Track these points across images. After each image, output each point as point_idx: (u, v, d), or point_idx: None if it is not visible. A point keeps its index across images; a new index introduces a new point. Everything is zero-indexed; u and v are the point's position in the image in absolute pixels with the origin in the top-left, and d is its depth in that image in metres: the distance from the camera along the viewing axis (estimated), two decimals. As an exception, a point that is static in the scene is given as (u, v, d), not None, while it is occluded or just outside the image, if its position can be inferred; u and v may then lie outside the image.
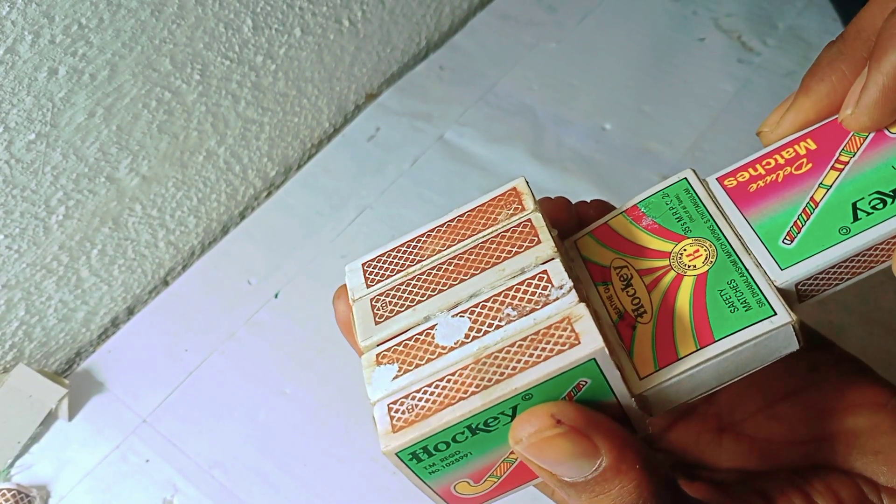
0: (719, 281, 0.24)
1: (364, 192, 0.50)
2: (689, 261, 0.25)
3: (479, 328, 0.23)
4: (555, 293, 0.23)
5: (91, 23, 0.37)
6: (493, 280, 0.24)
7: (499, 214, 0.25)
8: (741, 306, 0.23)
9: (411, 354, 0.23)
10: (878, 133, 0.24)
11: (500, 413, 0.22)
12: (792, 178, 0.25)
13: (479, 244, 0.25)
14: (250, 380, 0.42)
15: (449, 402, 0.22)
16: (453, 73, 0.56)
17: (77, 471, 0.40)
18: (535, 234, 0.24)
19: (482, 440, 0.22)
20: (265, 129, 0.49)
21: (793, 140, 0.26)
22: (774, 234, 0.24)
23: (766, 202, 0.25)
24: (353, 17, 0.51)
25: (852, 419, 0.26)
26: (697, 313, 0.23)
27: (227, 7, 0.43)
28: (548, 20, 0.58)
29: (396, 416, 0.22)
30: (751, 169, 0.26)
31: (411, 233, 0.26)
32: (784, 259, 0.23)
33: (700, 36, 0.55)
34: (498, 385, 0.21)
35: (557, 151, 0.50)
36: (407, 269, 0.25)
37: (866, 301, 0.41)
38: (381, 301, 0.25)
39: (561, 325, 0.22)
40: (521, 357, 0.22)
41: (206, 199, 0.48)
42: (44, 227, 0.40)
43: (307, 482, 0.38)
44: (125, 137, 0.41)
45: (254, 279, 0.46)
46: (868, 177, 0.24)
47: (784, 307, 0.22)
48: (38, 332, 0.42)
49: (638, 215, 0.26)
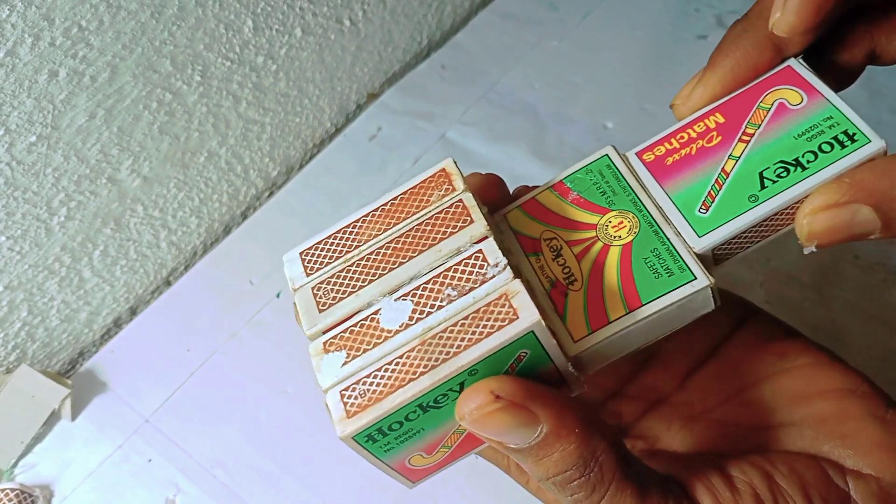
0: (643, 250, 0.26)
1: (366, 191, 0.50)
2: (615, 232, 0.26)
3: (422, 310, 0.24)
4: (491, 271, 0.24)
5: (91, 25, 0.37)
6: (432, 261, 0.25)
7: (431, 196, 0.26)
8: (664, 272, 0.25)
9: (358, 340, 0.24)
10: (780, 105, 0.26)
11: (448, 390, 0.23)
12: (704, 151, 0.27)
13: (414, 226, 0.25)
14: (252, 379, 0.42)
15: (399, 384, 0.23)
16: (455, 72, 0.56)
17: (80, 470, 0.40)
18: (467, 213, 0.25)
19: (433, 416, 0.24)
20: (266, 130, 0.49)
21: (703, 114, 0.27)
22: (691, 204, 0.26)
23: (683, 174, 0.27)
24: (354, 16, 0.51)
25: (820, 404, 0.27)
26: (625, 280, 0.25)
27: (227, 8, 0.43)
28: (549, 18, 0.58)
29: (350, 402, 0.23)
30: (667, 143, 0.27)
31: (346, 218, 0.26)
32: (701, 227, 0.25)
33: (702, 33, 0.55)
34: (444, 364, 0.22)
35: (559, 150, 0.50)
36: (345, 255, 0.26)
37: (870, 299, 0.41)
38: (323, 289, 0.25)
39: (499, 302, 0.23)
40: (465, 335, 0.23)
41: (208, 199, 0.48)
42: (46, 229, 0.40)
43: (308, 482, 0.39)
44: (126, 139, 0.41)
45: (256, 279, 0.47)
46: (772, 147, 0.26)
47: (703, 272, 0.24)
48: (41, 332, 0.42)
49: (564, 190, 0.28)
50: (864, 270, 0.42)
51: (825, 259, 0.43)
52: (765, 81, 0.27)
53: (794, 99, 0.26)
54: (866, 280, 0.42)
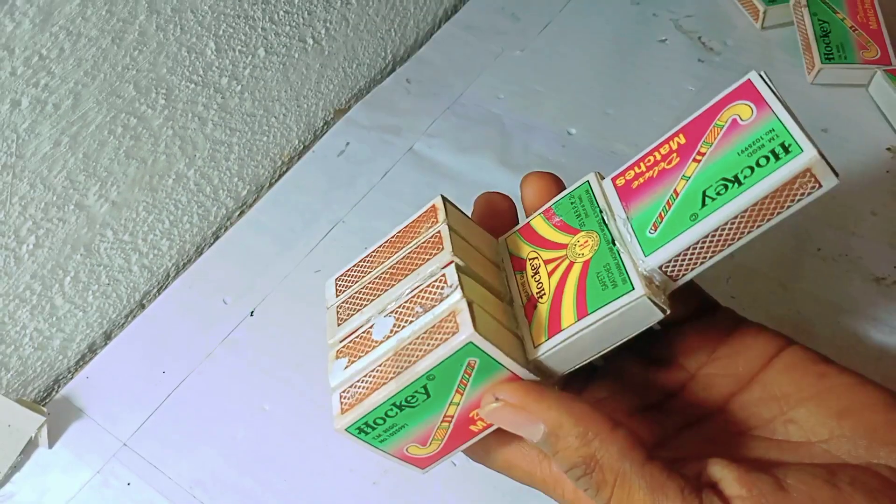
0: (598, 265, 0.28)
1: (336, 206, 0.50)
2: (580, 250, 0.29)
3: (399, 324, 0.28)
4: (447, 290, 0.27)
5: (52, 53, 0.37)
6: (413, 283, 0.29)
7: (421, 228, 0.30)
8: (610, 284, 0.27)
9: (356, 349, 0.28)
10: (733, 121, 0.27)
11: (415, 392, 0.27)
12: (664, 173, 0.28)
13: (406, 254, 0.30)
14: (229, 398, 0.43)
15: (375, 386, 0.27)
16: (420, 85, 0.57)
17: (59, 498, 0.40)
18: (440, 242, 0.29)
19: (411, 413, 0.27)
20: (234, 150, 0.50)
21: (669, 136, 0.29)
22: (644, 225, 0.27)
23: (643, 196, 0.28)
24: (317, 35, 0.52)
25: (869, 416, 0.28)
26: (579, 292, 0.28)
27: (188, 31, 0.43)
28: (511, 29, 0.59)
29: (344, 401, 0.27)
30: (636, 167, 0.29)
31: (370, 248, 0.31)
32: (648, 246, 0.27)
33: (661, 37, 0.56)
34: (406, 371, 0.26)
35: (525, 158, 0.51)
36: (362, 279, 0.31)
37: (833, 290, 0.42)
38: (343, 307, 0.30)
39: (448, 318, 0.27)
40: (422, 346, 0.27)
41: (178, 221, 0.48)
42: (14, 258, 0.40)
43: (288, 497, 0.39)
44: (92, 164, 0.42)
45: (229, 298, 0.47)
46: (718, 165, 0.26)
47: (641, 283, 0.26)
48: (15, 361, 0.42)
49: (550, 215, 0.31)
50: (826, 262, 0.43)
51: (788, 252, 0.44)
52: (726, 97, 0.28)
53: (745, 114, 0.27)
54: (829, 271, 0.43)
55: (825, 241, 0.44)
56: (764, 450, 0.29)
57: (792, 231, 0.44)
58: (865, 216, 0.44)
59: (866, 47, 0.51)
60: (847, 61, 0.50)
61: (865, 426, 0.28)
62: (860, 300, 0.41)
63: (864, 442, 0.28)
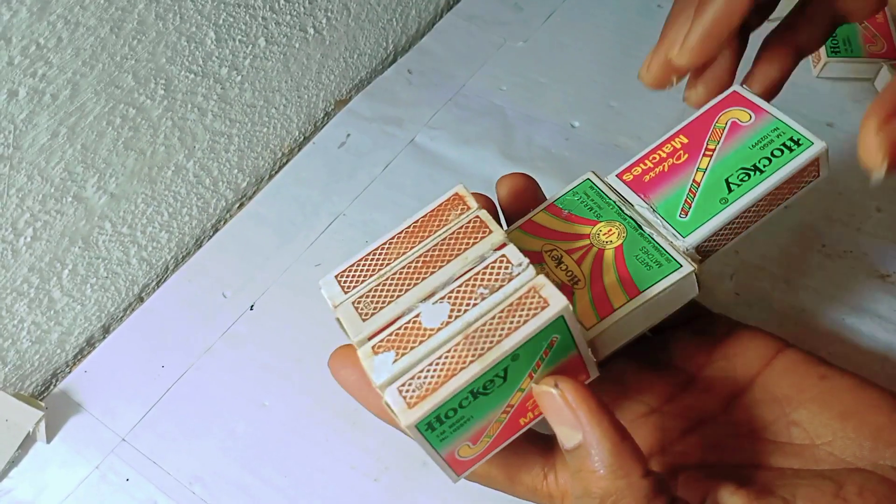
0: (634, 249, 0.30)
1: (337, 198, 0.50)
2: (606, 238, 0.31)
3: (459, 308, 0.27)
4: (516, 270, 0.27)
5: (49, 42, 0.37)
6: (459, 268, 0.28)
7: (449, 215, 0.30)
8: (654, 265, 0.30)
9: (404, 340, 0.27)
10: (733, 123, 0.32)
11: (494, 376, 0.26)
12: (676, 167, 0.32)
13: (439, 242, 0.29)
14: (228, 393, 0.42)
15: (451, 373, 0.26)
16: (422, 76, 0.56)
17: (58, 493, 0.40)
18: (485, 226, 0.29)
19: (481, 403, 0.27)
20: (234, 141, 0.49)
21: (669, 137, 0.33)
22: (672, 211, 0.31)
23: (661, 187, 0.31)
24: (318, 24, 0.51)
25: (873, 417, 0.28)
26: (622, 275, 0.30)
27: (188, 21, 0.43)
28: (514, 19, 0.59)
29: (408, 395, 0.26)
30: (642, 164, 0.32)
31: (375, 242, 0.30)
32: (684, 229, 0.30)
33: (665, 29, 0.56)
34: (490, 351, 0.26)
35: (528, 150, 0.50)
36: (379, 272, 0.29)
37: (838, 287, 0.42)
38: (363, 302, 0.29)
39: (529, 295, 0.27)
40: (504, 325, 0.26)
41: (178, 213, 0.48)
42: (12, 250, 0.39)
43: (289, 493, 0.38)
44: (91, 156, 0.41)
45: (228, 291, 0.46)
46: (733, 157, 0.31)
47: (687, 261, 0.29)
48: (12, 355, 0.42)
49: (556, 210, 0.33)
50: (831, 259, 0.43)
51: (793, 248, 0.43)
52: (715, 107, 0.33)
53: (743, 117, 0.32)
54: (834, 268, 0.42)
55: (830, 237, 0.43)
56: (768, 455, 0.29)
57: (796, 227, 0.44)
58: (871, 212, 0.44)
59: (873, 41, 0.50)
60: (853, 55, 0.50)
61: (870, 427, 0.28)
62: (865, 297, 0.41)
63: (868, 443, 0.28)
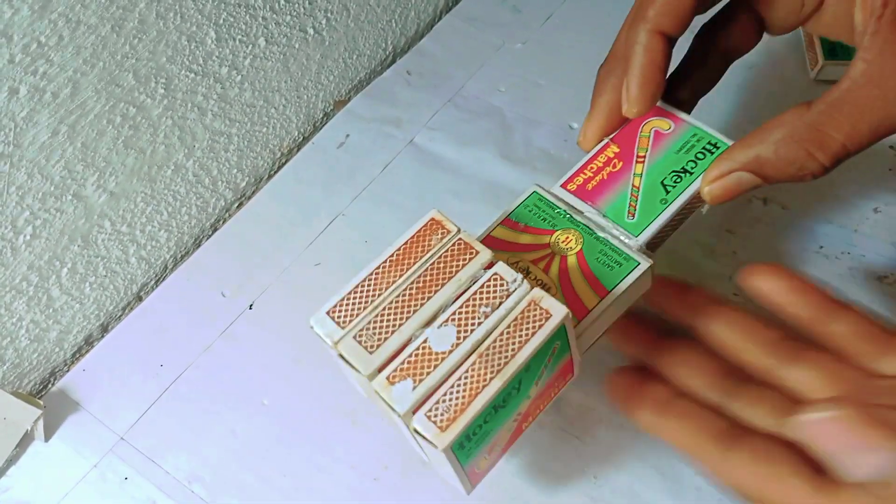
0: (594, 252, 0.33)
1: (336, 199, 0.50)
2: (565, 245, 0.33)
3: (466, 329, 0.28)
4: (512, 286, 0.29)
5: (50, 41, 0.37)
6: (454, 290, 0.29)
7: (430, 241, 0.31)
8: (615, 265, 0.32)
9: (418, 366, 0.28)
10: (656, 132, 0.36)
11: (512, 388, 0.28)
12: (614, 175, 0.35)
13: (427, 267, 0.30)
14: (227, 392, 0.42)
15: (475, 391, 0.27)
16: (421, 77, 0.56)
17: (56, 492, 0.40)
18: (470, 248, 0.30)
19: (500, 416, 0.28)
20: (234, 141, 0.49)
21: (601, 148, 0.36)
22: (620, 214, 0.34)
23: (606, 194, 0.35)
24: (318, 25, 0.51)
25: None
26: (588, 277, 0.32)
27: (188, 20, 0.43)
28: (513, 21, 0.59)
29: (438, 419, 0.27)
30: (582, 174, 0.36)
31: (358, 275, 0.31)
32: (634, 229, 0.33)
33: (663, 32, 0.56)
34: (507, 366, 0.27)
35: (526, 151, 0.50)
36: (372, 303, 0.30)
37: (835, 288, 0.42)
38: (365, 335, 0.29)
39: (531, 308, 0.28)
40: (514, 339, 0.28)
41: (177, 212, 0.48)
42: (11, 248, 0.39)
43: (288, 493, 0.38)
44: (91, 154, 0.41)
45: (227, 291, 0.46)
46: (663, 162, 0.35)
47: (643, 257, 0.32)
48: (11, 353, 0.42)
49: (513, 224, 0.35)
50: (829, 260, 0.43)
51: (791, 250, 0.43)
52: (637, 119, 0.36)
53: (664, 126, 0.36)
54: (831, 269, 0.42)
55: (827, 238, 0.44)
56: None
57: (794, 228, 0.44)
58: (868, 214, 0.44)
59: (870, 44, 0.50)
60: (850, 58, 0.50)
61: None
62: (862, 298, 0.41)
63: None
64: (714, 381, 0.31)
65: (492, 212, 0.47)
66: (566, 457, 0.37)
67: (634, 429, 0.37)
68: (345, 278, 0.43)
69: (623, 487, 0.36)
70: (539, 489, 0.37)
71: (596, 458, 0.37)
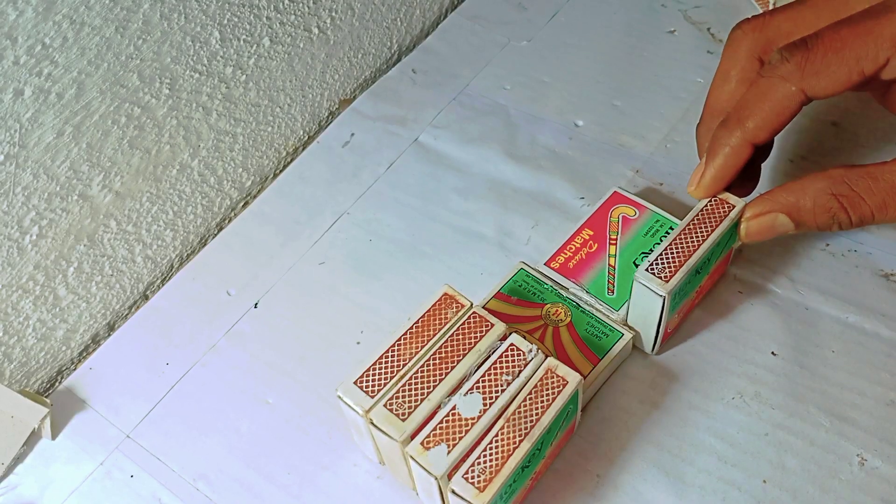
0: (582, 324, 0.38)
1: (341, 197, 0.50)
2: (555, 317, 0.39)
3: (491, 395, 0.31)
4: (529, 356, 0.33)
5: (55, 42, 0.37)
6: (475, 360, 0.33)
7: (446, 314, 0.34)
8: (602, 335, 0.38)
9: (450, 431, 0.30)
10: (623, 217, 0.42)
11: (536, 450, 0.31)
12: (591, 255, 0.41)
13: (446, 340, 0.33)
14: (232, 391, 0.42)
15: (507, 453, 0.30)
16: (426, 75, 0.56)
17: (62, 489, 0.40)
18: (485, 321, 0.34)
19: (524, 475, 0.31)
20: (239, 140, 0.49)
21: (576, 231, 0.42)
22: (601, 290, 0.39)
23: (586, 272, 0.40)
24: (323, 24, 0.51)
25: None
26: (580, 346, 0.38)
27: (193, 20, 0.43)
28: (518, 19, 0.59)
29: (475, 480, 0.29)
30: (562, 254, 0.41)
31: (380, 348, 0.33)
32: (615, 304, 0.39)
33: (669, 28, 0.56)
34: (534, 429, 0.30)
35: (531, 149, 0.50)
36: (398, 373, 0.33)
37: (842, 285, 0.42)
38: (395, 403, 0.32)
39: (548, 376, 0.32)
40: (536, 405, 0.31)
41: (182, 212, 0.48)
42: (18, 248, 0.40)
43: (292, 490, 0.39)
44: (96, 154, 0.41)
45: (233, 290, 0.46)
46: (633, 244, 0.41)
47: (625, 329, 0.38)
48: (18, 352, 0.42)
49: (505, 297, 0.40)
50: (835, 257, 0.43)
51: (796, 247, 0.43)
52: (604, 205, 0.42)
53: (629, 212, 0.42)
54: (837, 267, 0.42)
55: (833, 236, 0.43)
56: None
57: (801, 226, 0.44)
58: (875, 211, 0.44)
59: (877, 40, 0.50)
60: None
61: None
62: (869, 296, 0.41)
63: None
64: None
65: (497, 210, 0.47)
66: (569, 455, 0.37)
67: (638, 427, 0.37)
68: (349, 277, 0.43)
69: (626, 486, 0.36)
70: (541, 488, 0.36)
71: (599, 456, 0.37)
